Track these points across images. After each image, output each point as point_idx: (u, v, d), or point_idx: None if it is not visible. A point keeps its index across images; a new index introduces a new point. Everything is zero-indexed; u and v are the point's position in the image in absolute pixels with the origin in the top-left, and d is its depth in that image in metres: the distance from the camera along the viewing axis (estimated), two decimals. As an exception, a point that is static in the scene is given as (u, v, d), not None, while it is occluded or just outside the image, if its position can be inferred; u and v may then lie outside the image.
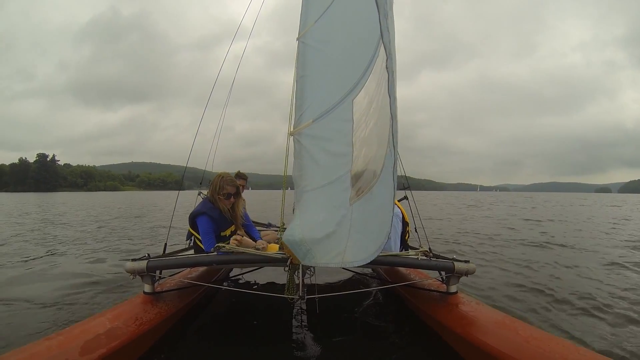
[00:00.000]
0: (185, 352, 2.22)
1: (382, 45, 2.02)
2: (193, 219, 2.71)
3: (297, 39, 2.09)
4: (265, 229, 4.41)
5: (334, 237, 1.87)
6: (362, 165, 2.02)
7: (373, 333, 2.55)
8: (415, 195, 3.22)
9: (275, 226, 4.62)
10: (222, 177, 2.75)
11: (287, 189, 2.41)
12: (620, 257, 5.51)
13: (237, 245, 2.29)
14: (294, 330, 2.57)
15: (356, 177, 1.96)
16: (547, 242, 6.96)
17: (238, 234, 2.58)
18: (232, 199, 2.76)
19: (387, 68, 2.08)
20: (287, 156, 2.17)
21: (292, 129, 2.01)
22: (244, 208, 3.14)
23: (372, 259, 2.01)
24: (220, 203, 2.71)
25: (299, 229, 1.85)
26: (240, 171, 3.66)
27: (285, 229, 2.63)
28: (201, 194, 3.44)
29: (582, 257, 5.56)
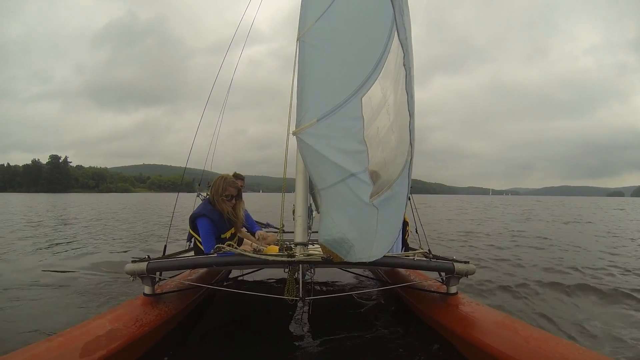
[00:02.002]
0: (185, 354, 2.22)
1: (399, 41, 1.97)
2: (193, 221, 2.69)
3: (298, 39, 2.05)
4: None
5: (368, 232, 1.87)
6: (381, 163, 1.98)
7: (373, 334, 2.52)
8: (424, 200, 3.12)
9: (273, 227, 4.57)
10: (225, 179, 2.71)
11: (291, 191, 2.38)
12: None
13: (236, 247, 2.27)
14: (293, 331, 2.56)
15: (375, 175, 1.92)
16: None
17: (238, 236, 2.56)
18: (233, 201, 2.74)
19: (404, 65, 2.05)
20: (286, 157, 2.16)
21: (294, 129, 1.98)
22: (245, 210, 3.12)
23: (384, 254, 2.02)
24: (223, 205, 2.69)
25: (334, 228, 1.81)
26: (237, 172, 3.62)
27: (285, 230, 2.60)
28: (200, 196, 3.42)
29: None
